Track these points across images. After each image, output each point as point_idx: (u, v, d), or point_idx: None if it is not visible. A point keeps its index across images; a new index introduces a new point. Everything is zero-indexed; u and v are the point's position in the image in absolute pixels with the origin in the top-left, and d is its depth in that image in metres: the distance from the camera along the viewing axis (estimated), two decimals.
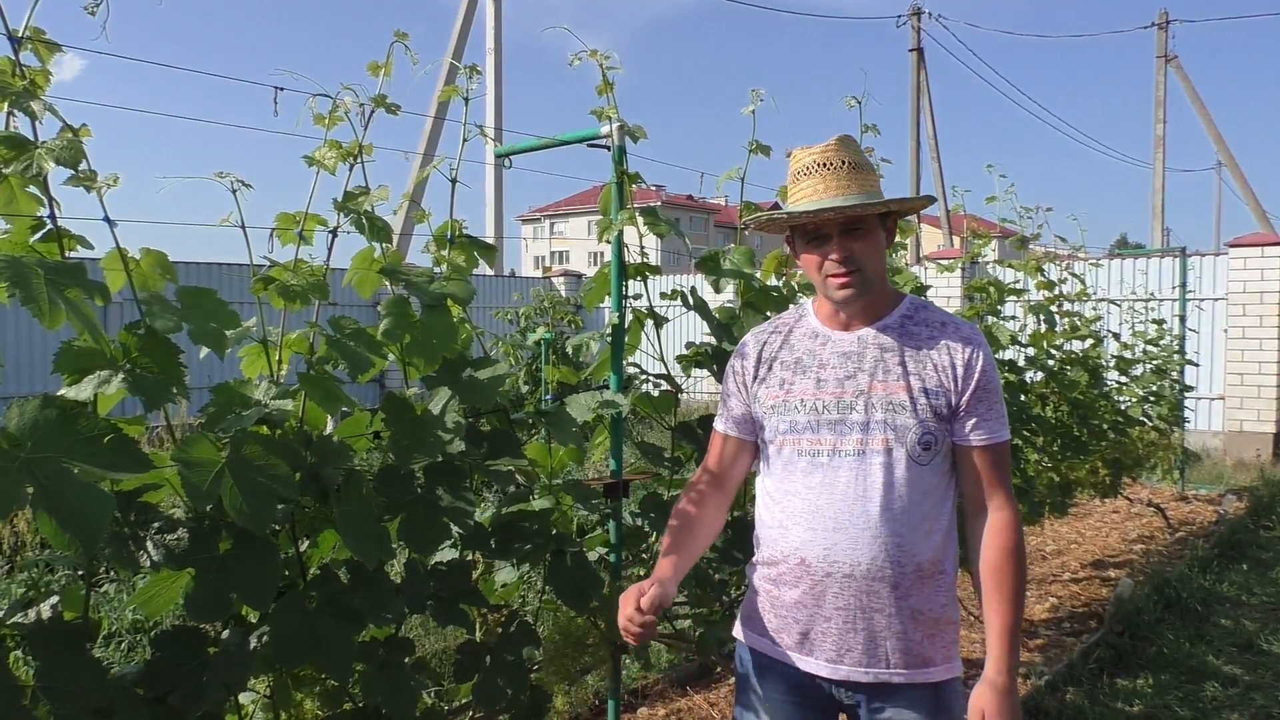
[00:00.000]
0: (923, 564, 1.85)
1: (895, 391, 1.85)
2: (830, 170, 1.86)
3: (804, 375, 1.93)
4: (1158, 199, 28.12)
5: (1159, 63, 27.88)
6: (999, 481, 1.89)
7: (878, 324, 1.91)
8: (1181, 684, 4.44)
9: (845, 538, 1.84)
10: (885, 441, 1.84)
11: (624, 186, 2.69)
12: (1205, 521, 8.02)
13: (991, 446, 1.87)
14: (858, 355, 1.90)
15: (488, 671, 2.29)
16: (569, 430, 2.43)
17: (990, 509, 1.89)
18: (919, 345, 1.89)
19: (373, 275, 2.25)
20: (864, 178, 1.87)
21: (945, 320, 1.93)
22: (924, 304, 1.97)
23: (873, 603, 1.85)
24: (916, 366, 1.87)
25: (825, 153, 1.88)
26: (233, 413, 1.81)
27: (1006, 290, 4.54)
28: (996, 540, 1.87)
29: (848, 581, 1.85)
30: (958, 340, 1.88)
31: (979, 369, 1.86)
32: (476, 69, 2.49)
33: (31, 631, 1.59)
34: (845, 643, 1.88)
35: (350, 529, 1.90)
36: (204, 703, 1.72)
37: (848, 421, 1.86)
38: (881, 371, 1.87)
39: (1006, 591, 1.85)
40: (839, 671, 1.89)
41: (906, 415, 1.84)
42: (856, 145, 1.95)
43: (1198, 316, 11.72)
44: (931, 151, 25.70)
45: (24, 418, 1.46)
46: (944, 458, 1.88)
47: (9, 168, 1.58)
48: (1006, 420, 1.91)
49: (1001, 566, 1.86)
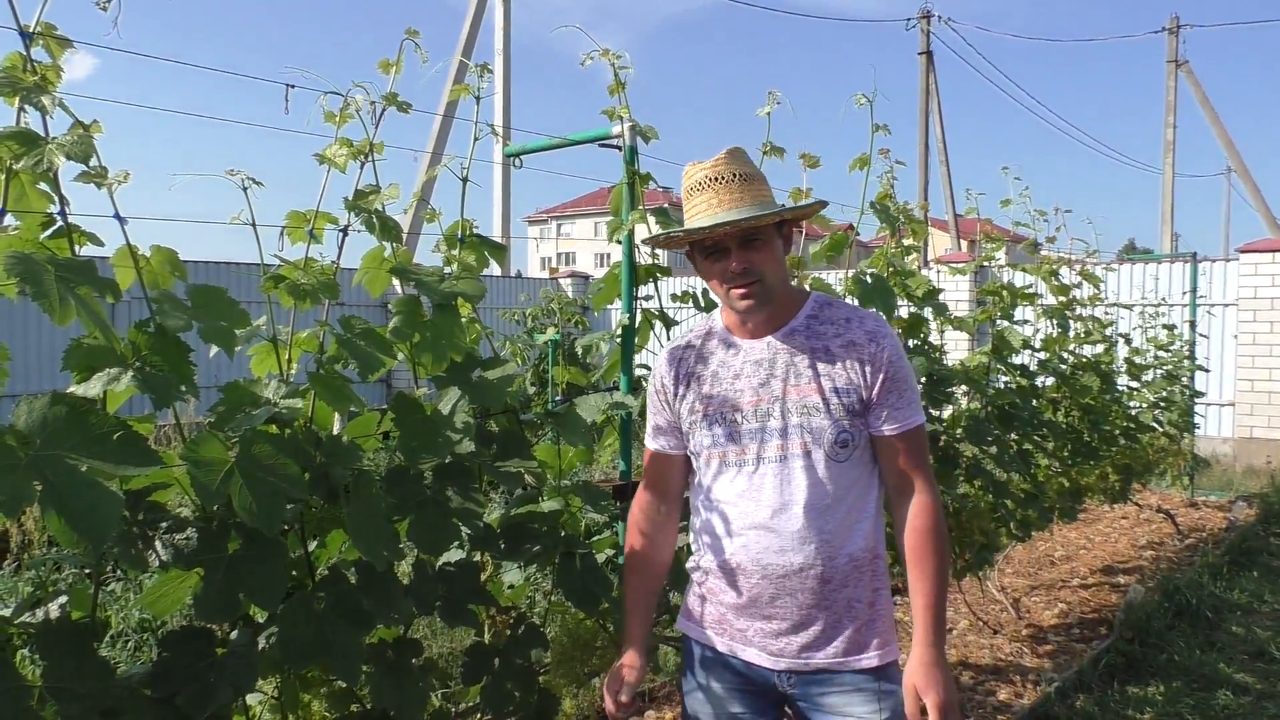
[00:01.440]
0: (855, 554, 1.92)
1: (808, 394, 1.90)
2: (722, 184, 1.89)
3: (720, 386, 1.99)
4: (1167, 204, 28.05)
5: (1169, 67, 27.82)
6: (916, 466, 1.94)
7: (785, 328, 1.96)
8: (1193, 692, 4.41)
9: (776, 540, 1.91)
10: (804, 445, 1.90)
11: (635, 187, 2.68)
12: (1215, 528, 7.98)
13: (905, 434, 1.92)
14: (769, 361, 1.95)
15: (496, 674, 2.27)
16: (578, 431, 2.42)
17: (910, 493, 1.95)
18: (826, 344, 1.93)
19: (383, 274, 2.23)
20: (756, 189, 1.91)
21: (849, 315, 1.97)
22: (827, 301, 2.01)
23: (807, 598, 1.91)
24: (825, 367, 1.91)
25: (716, 167, 1.91)
26: (242, 412, 1.80)
27: (1019, 294, 4.51)
28: (915, 522, 1.93)
29: (782, 581, 1.92)
30: (862, 335, 1.92)
31: (885, 359, 1.90)
32: (487, 67, 2.48)
33: (39, 631, 1.58)
34: (783, 636, 1.94)
35: (359, 529, 1.88)
36: (211, 704, 1.70)
37: (767, 429, 1.92)
38: (793, 375, 1.92)
39: (927, 569, 1.92)
40: (779, 663, 1.96)
41: (821, 416, 1.89)
42: (746, 157, 1.97)
43: (1208, 322, 11.66)
44: (940, 155, 25.65)
45: (33, 415, 1.45)
46: (864, 449, 1.94)
47: (19, 163, 1.56)
48: (918, 404, 1.95)
49: (922, 546, 1.92)
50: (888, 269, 3.70)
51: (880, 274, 3.66)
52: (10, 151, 1.56)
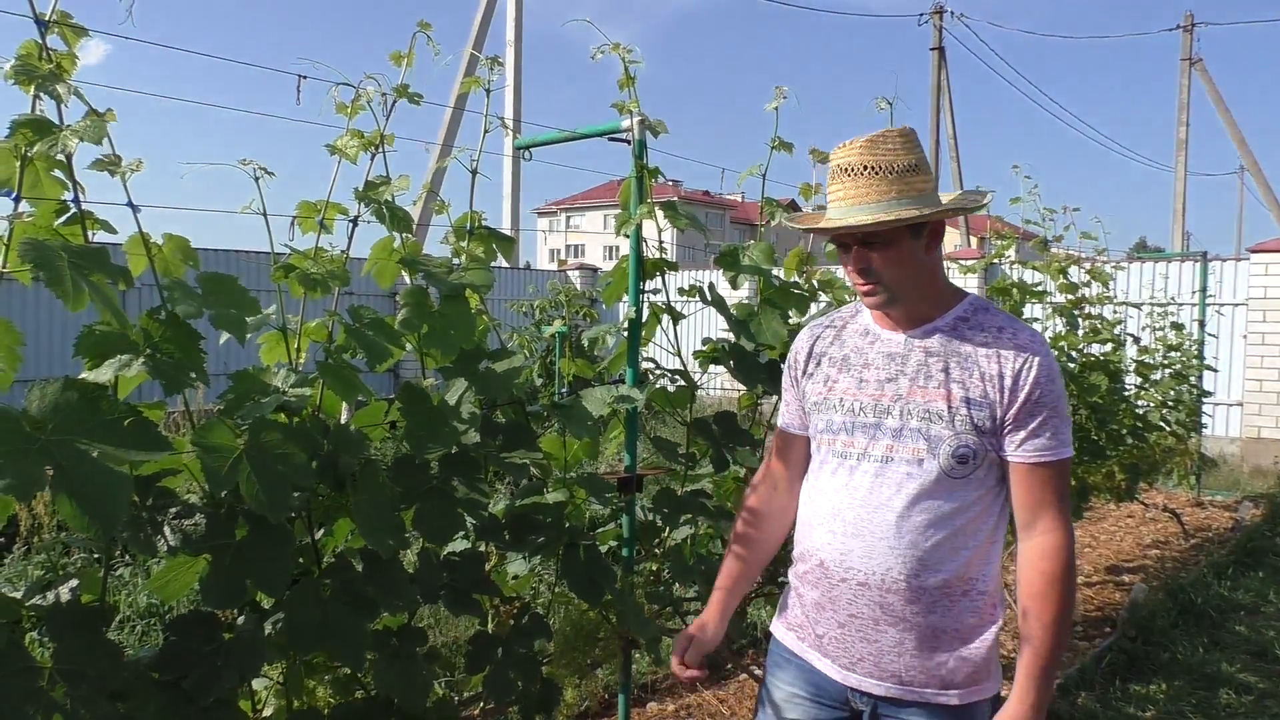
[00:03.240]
0: (949, 581, 1.76)
1: (934, 399, 1.76)
2: (850, 177, 1.78)
3: (848, 373, 1.88)
4: (1179, 202, 27.89)
5: (1183, 65, 27.65)
6: (1050, 502, 1.75)
7: (927, 326, 1.82)
8: (1195, 690, 4.41)
9: (861, 544, 1.79)
10: (916, 451, 1.76)
11: (644, 181, 2.69)
12: (1221, 528, 7.96)
13: (1042, 465, 1.74)
14: (902, 358, 1.82)
15: (499, 663, 2.29)
16: (584, 424, 2.43)
17: (1036, 531, 1.76)
18: (969, 351, 1.77)
19: (392, 265, 2.24)
20: (888, 184, 1.76)
21: (1004, 325, 1.80)
22: (985, 306, 1.85)
23: (887, 615, 1.78)
24: (961, 374, 1.76)
25: (848, 156, 1.79)
26: (251, 399, 1.81)
27: (1029, 292, 4.51)
28: (1040, 565, 1.74)
29: (861, 590, 1.80)
30: (1011, 348, 1.75)
31: (1030, 380, 1.72)
32: (498, 60, 2.49)
33: (50, 613, 1.60)
34: (856, 650, 1.83)
35: (365, 518, 1.90)
36: (218, 688, 1.72)
37: (882, 426, 1.80)
38: (923, 377, 1.78)
39: (1045, 620, 1.73)
40: (850, 679, 1.86)
41: (942, 426, 1.74)
42: (894, 144, 1.80)
43: (1217, 321, 11.62)
44: (951, 151, 25.58)
45: (45, 400, 1.47)
46: (988, 471, 1.77)
47: (35, 150, 1.58)
48: (1068, 437, 1.75)
49: (1044, 593, 1.73)
50: None
51: None
52: (25, 139, 1.57)
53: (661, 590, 2.82)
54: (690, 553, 2.85)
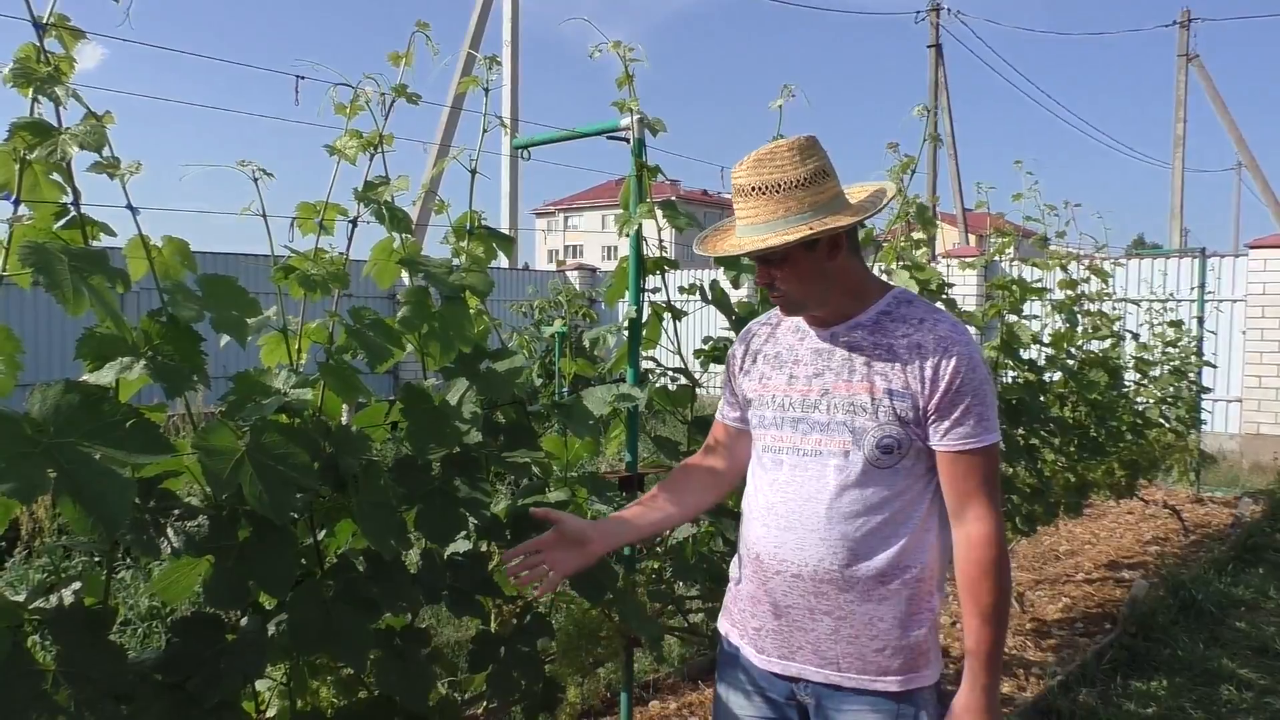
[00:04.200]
0: (883, 569, 1.79)
1: (858, 392, 1.80)
2: (742, 197, 1.80)
3: (780, 370, 1.94)
4: (1176, 199, 27.91)
5: (1180, 61, 27.66)
6: (976, 489, 1.77)
7: (849, 322, 1.86)
8: (1196, 686, 4.42)
9: (793, 537, 1.84)
10: (843, 443, 1.80)
11: (643, 180, 2.69)
12: (1221, 524, 7.97)
13: (966, 453, 1.76)
14: (828, 353, 1.87)
15: (502, 662, 2.29)
16: (585, 423, 2.43)
17: (966, 519, 1.78)
18: (890, 343, 1.80)
19: (391, 266, 2.24)
20: (776, 202, 1.75)
21: (924, 316, 1.82)
22: (909, 298, 1.88)
23: (821, 604, 1.82)
24: (884, 366, 1.79)
25: (739, 175, 1.81)
26: (252, 401, 1.81)
27: (1029, 289, 4.51)
28: (972, 554, 1.77)
29: (795, 581, 1.85)
30: (931, 338, 1.77)
31: (949, 369, 1.74)
32: (496, 59, 2.48)
33: (52, 616, 1.59)
34: (794, 640, 1.88)
35: (368, 519, 1.90)
36: (222, 689, 1.72)
37: (810, 420, 1.85)
38: (847, 371, 1.83)
39: (982, 606, 1.76)
40: (790, 668, 1.89)
41: (866, 417, 1.78)
42: (778, 159, 1.77)
43: (1216, 318, 11.63)
44: (949, 148, 25.58)
45: (46, 403, 1.46)
46: (915, 460, 1.80)
47: (34, 154, 1.58)
48: (992, 424, 1.78)
49: (977, 581, 1.76)
50: (897, 263, 3.70)
51: (890, 268, 3.66)
52: (24, 142, 1.57)
53: (663, 589, 2.82)
54: (692, 551, 2.86)
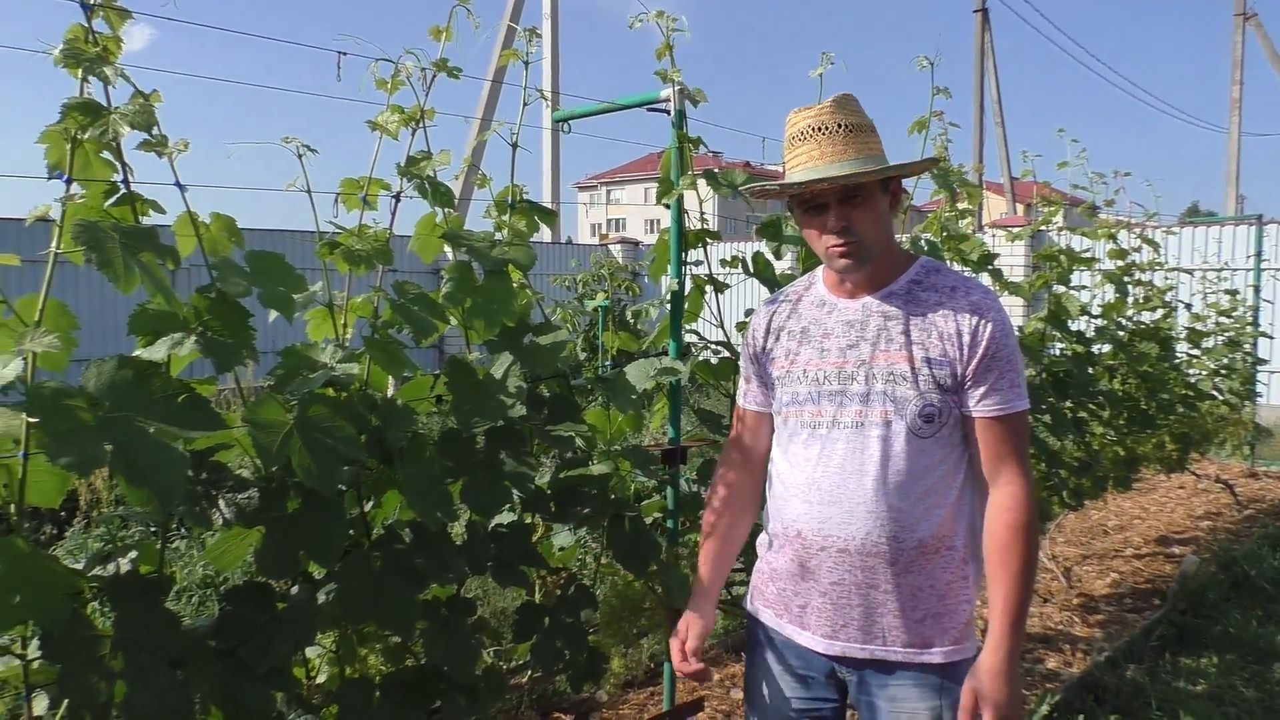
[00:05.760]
0: (925, 540, 1.80)
1: (897, 361, 1.79)
2: (825, 135, 1.79)
3: (808, 345, 1.91)
4: (1232, 164, 27.13)
5: (1237, 21, 26.78)
6: (1010, 454, 1.80)
7: (883, 291, 1.86)
8: (1248, 664, 4.35)
9: (839, 511, 1.81)
10: (884, 414, 1.79)
11: (685, 151, 2.67)
12: (1275, 499, 7.81)
13: (1001, 418, 1.79)
14: (861, 324, 1.85)
15: (546, 632, 2.31)
16: (628, 397, 2.43)
17: (1000, 483, 1.81)
18: (925, 312, 1.81)
19: (435, 240, 2.26)
20: (862, 141, 1.79)
21: (956, 284, 1.84)
22: (936, 267, 1.89)
23: (868, 578, 1.82)
24: (920, 335, 1.80)
25: (820, 115, 1.81)
26: (300, 375, 1.84)
27: (1077, 259, 4.42)
28: (1004, 516, 1.79)
29: (842, 556, 1.83)
30: (965, 306, 1.80)
31: (986, 336, 1.77)
32: (536, 32, 2.47)
33: (110, 584, 1.64)
34: (841, 618, 1.86)
35: (414, 491, 1.92)
36: (273, 656, 1.76)
37: (848, 393, 1.83)
38: (884, 341, 1.82)
39: (1011, 569, 1.77)
40: (834, 647, 1.87)
41: (907, 386, 1.78)
42: (855, 105, 1.85)
43: (1273, 287, 11.31)
44: (995, 116, 25.06)
45: (101, 378, 1.50)
46: (952, 429, 1.81)
47: (85, 134, 1.61)
48: (1023, 389, 1.81)
49: (1008, 544, 1.78)
50: (941, 234, 3.65)
51: (934, 239, 3.61)
52: (76, 122, 1.60)
53: None
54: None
